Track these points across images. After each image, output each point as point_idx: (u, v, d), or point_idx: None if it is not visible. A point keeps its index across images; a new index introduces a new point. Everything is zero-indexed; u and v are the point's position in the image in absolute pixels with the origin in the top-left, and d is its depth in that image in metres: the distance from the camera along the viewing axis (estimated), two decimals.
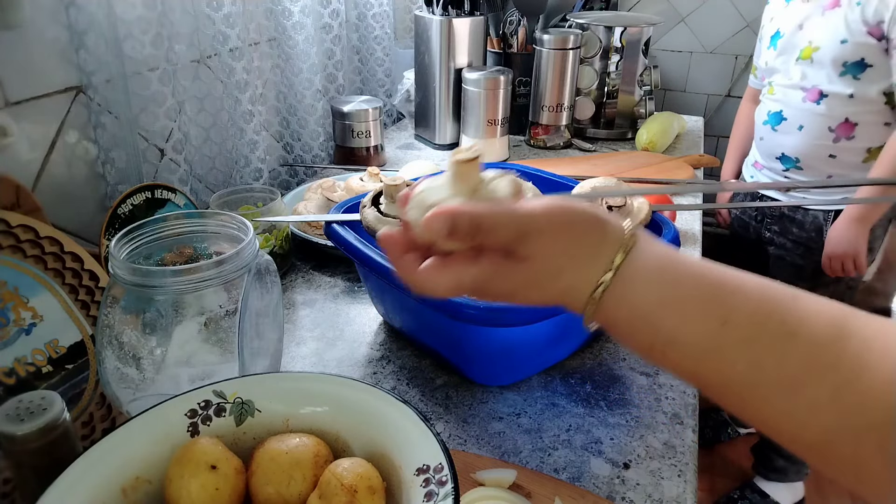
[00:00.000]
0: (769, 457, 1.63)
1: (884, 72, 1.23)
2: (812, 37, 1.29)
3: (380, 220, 0.60)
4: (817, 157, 1.34)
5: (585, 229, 0.37)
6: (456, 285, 0.37)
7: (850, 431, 0.30)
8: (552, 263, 0.37)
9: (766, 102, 1.43)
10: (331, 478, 0.39)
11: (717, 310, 0.34)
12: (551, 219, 0.37)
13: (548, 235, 0.36)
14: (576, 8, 1.86)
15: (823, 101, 1.29)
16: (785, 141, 1.37)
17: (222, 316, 0.53)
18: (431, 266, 0.38)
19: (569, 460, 0.58)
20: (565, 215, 0.37)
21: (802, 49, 1.31)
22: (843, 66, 1.25)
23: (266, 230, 0.84)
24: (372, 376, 0.70)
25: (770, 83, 1.41)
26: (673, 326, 0.35)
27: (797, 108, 1.34)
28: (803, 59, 1.31)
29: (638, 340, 0.37)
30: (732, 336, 0.33)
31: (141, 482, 0.41)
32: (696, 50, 2.24)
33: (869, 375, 0.30)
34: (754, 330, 0.33)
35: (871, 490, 0.31)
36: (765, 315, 0.33)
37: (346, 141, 1.21)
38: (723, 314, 0.34)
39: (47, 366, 0.57)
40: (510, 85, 1.30)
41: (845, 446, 0.31)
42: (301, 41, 1.13)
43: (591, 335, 0.73)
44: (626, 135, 1.48)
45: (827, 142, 1.31)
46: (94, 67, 0.75)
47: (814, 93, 1.30)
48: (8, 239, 0.56)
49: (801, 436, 0.32)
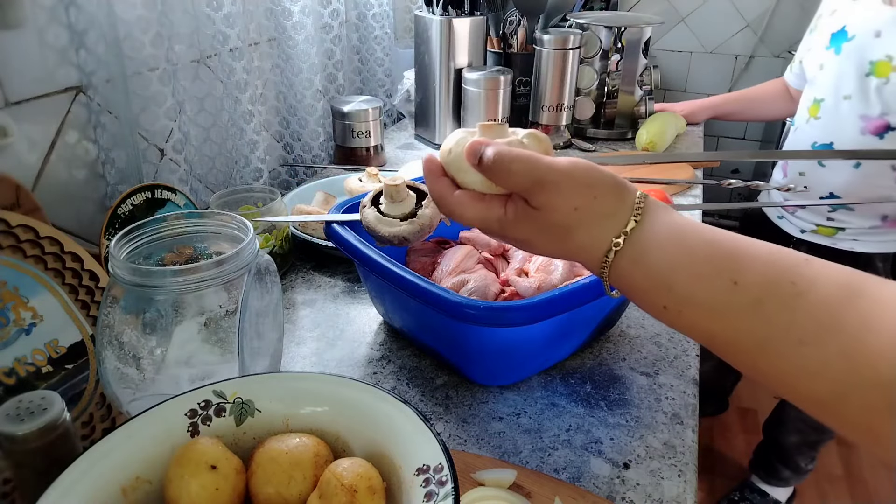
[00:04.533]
0: (775, 467, 1.62)
1: None
2: (892, 52, 1.03)
3: (380, 220, 0.60)
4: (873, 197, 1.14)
5: (602, 192, 0.39)
6: (483, 218, 0.42)
7: (858, 388, 0.31)
8: (564, 217, 0.39)
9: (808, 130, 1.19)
10: (331, 478, 0.39)
11: (729, 271, 0.35)
12: (569, 176, 0.39)
13: (563, 191, 0.39)
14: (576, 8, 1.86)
15: (889, 135, 1.06)
16: (835, 179, 1.15)
17: (222, 316, 0.53)
18: (467, 195, 0.43)
19: (569, 460, 0.58)
20: (584, 176, 0.39)
21: (876, 63, 1.05)
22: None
23: (266, 230, 0.84)
24: (372, 376, 0.70)
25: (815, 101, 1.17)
26: (686, 287, 0.36)
27: (853, 142, 1.10)
28: (877, 75, 1.06)
29: (653, 301, 0.38)
30: (744, 295, 0.34)
31: (141, 482, 0.41)
32: (696, 50, 2.24)
33: (877, 333, 0.31)
34: (766, 289, 0.34)
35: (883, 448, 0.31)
36: (776, 275, 0.34)
37: (346, 141, 1.21)
38: (735, 275, 0.35)
39: (47, 366, 0.57)
40: (510, 85, 1.30)
41: (854, 402, 0.31)
42: (301, 41, 1.13)
43: (591, 335, 0.73)
44: (626, 135, 1.48)
45: (888, 182, 1.10)
46: (94, 67, 0.75)
47: (878, 125, 1.07)
48: (8, 239, 0.56)
49: (812, 392, 0.33)
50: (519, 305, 0.58)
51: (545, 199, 0.39)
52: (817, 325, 0.32)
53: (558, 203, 0.39)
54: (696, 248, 0.37)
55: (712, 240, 0.37)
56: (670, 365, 0.71)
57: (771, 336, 0.33)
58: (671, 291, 0.37)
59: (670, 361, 0.72)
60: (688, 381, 0.68)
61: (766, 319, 0.34)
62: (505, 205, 0.41)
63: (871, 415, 0.31)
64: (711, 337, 0.36)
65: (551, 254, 0.42)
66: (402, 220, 0.58)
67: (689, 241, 0.37)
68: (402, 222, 0.58)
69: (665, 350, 0.73)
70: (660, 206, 0.40)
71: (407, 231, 0.58)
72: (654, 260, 0.38)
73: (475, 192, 0.43)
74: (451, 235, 0.81)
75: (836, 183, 1.16)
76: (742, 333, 0.35)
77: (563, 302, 0.58)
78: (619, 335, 0.76)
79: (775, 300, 0.34)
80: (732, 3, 2.12)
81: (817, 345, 0.32)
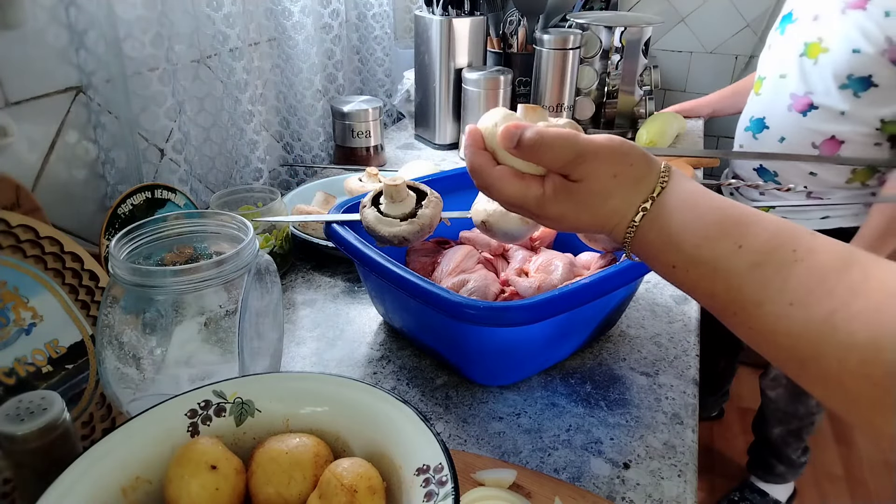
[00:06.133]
0: (769, 463, 1.63)
1: (889, 97, 1.10)
2: (824, 34, 1.13)
3: (380, 220, 0.60)
4: (797, 174, 1.24)
5: (635, 160, 0.43)
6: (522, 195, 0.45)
7: (836, 347, 0.33)
8: (603, 185, 0.43)
9: (750, 104, 1.32)
10: (331, 478, 0.39)
11: (735, 235, 0.38)
12: (607, 147, 0.43)
13: (602, 159, 0.42)
14: (576, 8, 1.86)
15: (811, 113, 1.17)
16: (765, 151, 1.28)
17: (222, 316, 0.53)
18: (507, 171, 0.45)
19: (569, 460, 0.58)
20: (620, 146, 0.43)
21: (809, 44, 1.16)
22: (846, 77, 1.11)
23: (266, 230, 0.84)
24: (372, 376, 0.70)
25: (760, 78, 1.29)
26: (694, 246, 0.39)
27: (781, 117, 1.22)
28: (808, 56, 1.16)
29: (663, 260, 0.42)
30: (745, 258, 0.37)
31: (141, 482, 0.41)
32: (696, 50, 2.24)
33: (863, 298, 0.33)
34: (765, 254, 0.37)
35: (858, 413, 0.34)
36: (778, 243, 0.37)
37: (346, 141, 1.21)
38: (740, 239, 0.38)
39: (47, 366, 0.57)
40: (510, 85, 1.30)
41: (832, 362, 0.33)
42: (301, 41, 1.13)
43: (591, 335, 0.73)
44: (626, 135, 1.48)
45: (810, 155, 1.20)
46: (94, 67, 0.75)
47: (803, 102, 1.18)
48: (8, 239, 0.56)
49: (794, 351, 0.35)
50: (519, 305, 0.58)
51: (586, 169, 0.42)
52: (808, 289, 0.34)
53: (600, 171, 0.42)
54: (707, 212, 0.40)
55: (722, 206, 0.40)
56: (670, 365, 0.71)
57: (765, 298, 0.36)
58: (679, 250, 0.40)
59: (670, 361, 0.72)
60: (688, 381, 0.68)
61: (763, 281, 0.36)
62: (543, 184, 0.44)
63: (843, 374, 0.33)
64: (713, 296, 0.39)
65: (583, 224, 0.45)
66: (402, 220, 0.58)
67: (702, 206, 0.40)
68: (402, 222, 0.58)
69: (665, 350, 0.73)
70: (682, 175, 0.43)
71: (407, 231, 0.58)
72: (668, 221, 0.41)
73: (515, 169, 0.45)
74: (451, 235, 0.81)
75: None
76: (741, 293, 0.37)
77: (563, 302, 0.58)
78: (619, 335, 0.76)
79: (774, 264, 0.36)
80: (732, 3, 2.12)
81: (806, 306, 0.34)
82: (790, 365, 0.36)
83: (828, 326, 0.33)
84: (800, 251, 0.36)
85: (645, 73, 1.46)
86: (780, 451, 1.58)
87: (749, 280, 0.37)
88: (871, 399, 0.32)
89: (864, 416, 0.33)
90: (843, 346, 0.33)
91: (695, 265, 0.39)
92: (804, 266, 0.35)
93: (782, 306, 0.35)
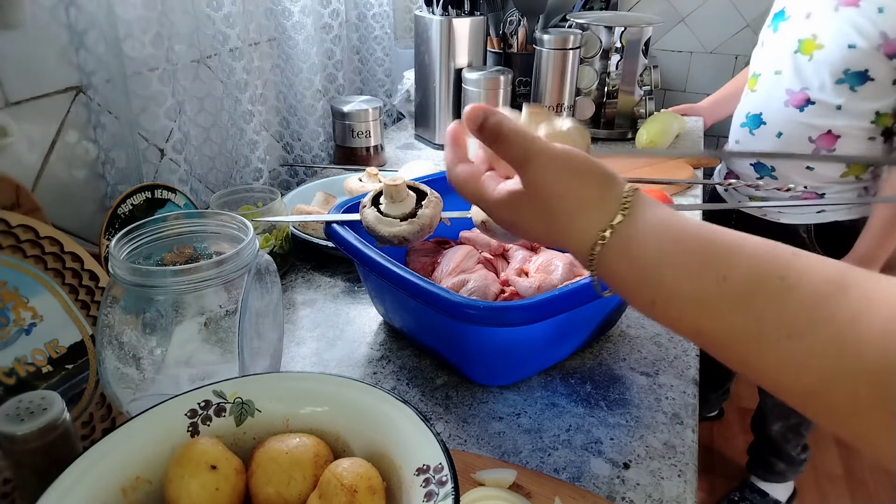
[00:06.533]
0: (769, 461, 1.63)
1: (885, 91, 1.12)
2: (818, 31, 1.15)
3: (380, 220, 0.60)
4: (794, 168, 1.25)
5: (589, 181, 0.40)
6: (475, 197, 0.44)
7: (846, 375, 0.31)
8: (549, 197, 0.40)
9: (745, 100, 1.33)
10: (331, 478, 0.39)
11: (717, 265, 0.35)
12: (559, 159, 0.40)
13: (550, 172, 0.40)
14: (576, 8, 1.86)
15: (808, 108, 1.19)
16: (761, 146, 1.29)
17: (222, 316, 0.53)
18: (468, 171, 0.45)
19: (569, 460, 0.58)
20: (573, 162, 0.40)
21: (804, 41, 1.17)
22: (843, 73, 1.13)
23: (266, 230, 0.84)
24: (372, 376, 0.70)
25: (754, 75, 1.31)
26: (673, 282, 0.36)
27: (778, 113, 1.23)
28: (803, 52, 1.18)
29: (641, 296, 0.38)
30: (732, 291, 0.34)
31: (141, 482, 0.41)
32: (696, 50, 2.24)
33: (867, 322, 0.30)
34: (754, 285, 0.34)
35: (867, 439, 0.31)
36: (764, 270, 0.34)
37: (346, 141, 1.21)
38: (722, 270, 0.35)
39: (47, 366, 0.57)
40: (510, 85, 1.30)
41: (842, 391, 0.31)
42: (301, 41, 1.13)
43: (591, 335, 0.73)
44: (626, 135, 1.48)
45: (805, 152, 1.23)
46: (94, 67, 0.75)
47: (799, 98, 1.19)
48: (8, 239, 0.56)
49: (799, 384, 0.33)
50: (519, 305, 0.58)
51: (535, 175, 0.40)
52: (806, 318, 0.32)
53: (547, 181, 0.40)
54: (684, 242, 0.37)
55: (700, 234, 0.37)
56: (670, 365, 0.71)
57: (760, 330, 0.33)
58: (660, 285, 0.37)
59: (670, 361, 0.72)
60: (688, 381, 0.68)
61: (756, 314, 0.33)
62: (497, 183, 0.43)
63: (856, 403, 0.30)
64: (699, 332, 0.36)
65: (537, 235, 0.43)
66: (402, 220, 0.58)
67: (678, 236, 0.37)
68: (402, 222, 0.58)
69: (665, 350, 0.73)
70: (649, 200, 0.40)
71: (407, 231, 0.58)
72: (641, 254, 0.37)
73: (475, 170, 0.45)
74: (451, 235, 0.81)
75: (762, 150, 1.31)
76: (731, 328, 0.34)
77: (563, 302, 0.58)
78: (619, 335, 0.76)
79: (764, 294, 0.33)
80: (732, 3, 2.12)
81: (806, 337, 0.32)
82: (795, 399, 0.33)
83: (832, 354, 0.31)
84: (788, 277, 0.33)
85: (645, 73, 1.46)
86: (780, 448, 1.58)
87: (740, 313, 0.34)
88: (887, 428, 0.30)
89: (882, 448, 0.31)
90: (853, 375, 0.30)
91: (676, 301, 0.36)
92: (797, 294, 0.33)
93: (780, 338, 0.33)
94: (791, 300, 0.33)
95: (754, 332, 0.33)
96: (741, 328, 0.34)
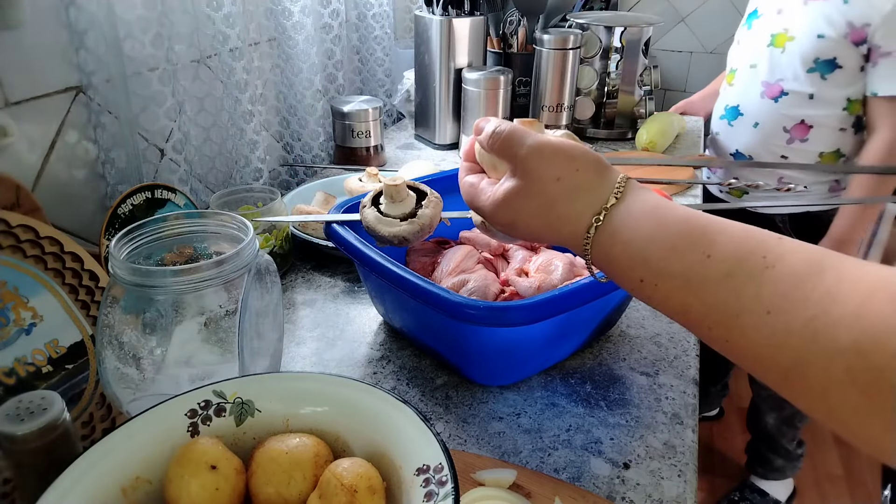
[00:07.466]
0: (766, 457, 1.64)
1: (853, 77, 1.19)
2: (789, 25, 1.24)
3: (380, 220, 0.60)
4: (769, 157, 1.32)
5: (583, 166, 0.42)
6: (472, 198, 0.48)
7: (820, 355, 0.32)
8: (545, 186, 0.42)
9: (724, 94, 1.40)
10: (331, 478, 0.39)
11: (703, 244, 0.37)
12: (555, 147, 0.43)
13: (546, 159, 0.42)
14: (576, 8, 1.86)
15: (783, 99, 1.26)
16: (739, 137, 1.35)
17: (222, 316, 0.53)
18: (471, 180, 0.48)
19: (569, 460, 0.58)
20: (569, 149, 0.43)
21: (776, 35, 1.26)
22: (813, 62, 1.21)
23: (266, 230, 0.84)
24: (372, 376, 0.70)
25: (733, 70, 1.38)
26: (662, 259, 0.38)
27: (755, 104, 1.31)
28: (775, 45, 1.26)
29: (631, 276, 0.40)
30: (716, 268, 0.36)
31: (141, 482, 0.41)
32: (696, 50, 2.24)
33: (841, 304, 0.32)
34: (736, 263, 0.36)
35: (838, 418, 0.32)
36: (747, 250, 0.36)
37: (346, 141, 1.21)
38: (708, 248, 0.37)
39: (47, 366, 0.57)
40: (510, 85, 1.30)
41: (816, 371, 0.32)
42: (301, 41, 1.13)
43: (591, 335, 0.73)
44: (626, 135, 1.48)
45: (780, 142, 1.29)
46: (94, 67, 0.75)
47: (774, 89, 1.27)
48: (8, 239, 0.56)
49: (776, 362, 0.34)
50: (519, 305, 0.58)
51: (531, 167, 0.42)
52: (784, 297, 0.33)
53: (542, 171, 0.42)
54: (671, 223, 0.39)
55: (687, 217, 0.39)
56: (670, 365, 0.71)
57: (741, 308, 0.35)
58: (647, 264, 0.39)
59: (670, 361, 0.72)
60: (688, 381, 0.68)
61: (736, 291, 0.35)
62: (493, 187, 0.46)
63: (828, 382, 0.31)
64: (686, 310, 0.38)
65: (535, 230, 0.45)
66: (402, 220, 0.58)
67: (665, 218, 0.39)
68: (402, 222, 0.58)
69: (665, 350, 0.73)
70: (640, 186, 0.42)
71: (407, 231, 0.58)
72: (633, 236, 0.40)
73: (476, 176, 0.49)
74: (451, 235, 0.81)
75: (741, 141, 1.36)
76: (715, 306, 0.36)
77: (563, 302, 0.58)
78: (619, 335, 0.76)
79: (745, 273, 0.35)
80: (732, 3, 2.12)
81: (783, 315, 0.33)
82: (772, 377, 0.35)
83: (808, 333, 0.32)
84: (769, 257, 0.35)
85: (645, 73, 1.46)
86: (776, 442, 1.60)
87: (723, 290, 0.36)
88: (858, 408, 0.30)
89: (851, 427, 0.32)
90: (827, 354, 0.31)
91: (663, 279, 0.38)
92: (776, 272, 0.34)
93: (759, 315, 0.34)
94: (771, 278, 0.34)
95: (736, 308, 0.35)
96: (725, 305, 0.36)
